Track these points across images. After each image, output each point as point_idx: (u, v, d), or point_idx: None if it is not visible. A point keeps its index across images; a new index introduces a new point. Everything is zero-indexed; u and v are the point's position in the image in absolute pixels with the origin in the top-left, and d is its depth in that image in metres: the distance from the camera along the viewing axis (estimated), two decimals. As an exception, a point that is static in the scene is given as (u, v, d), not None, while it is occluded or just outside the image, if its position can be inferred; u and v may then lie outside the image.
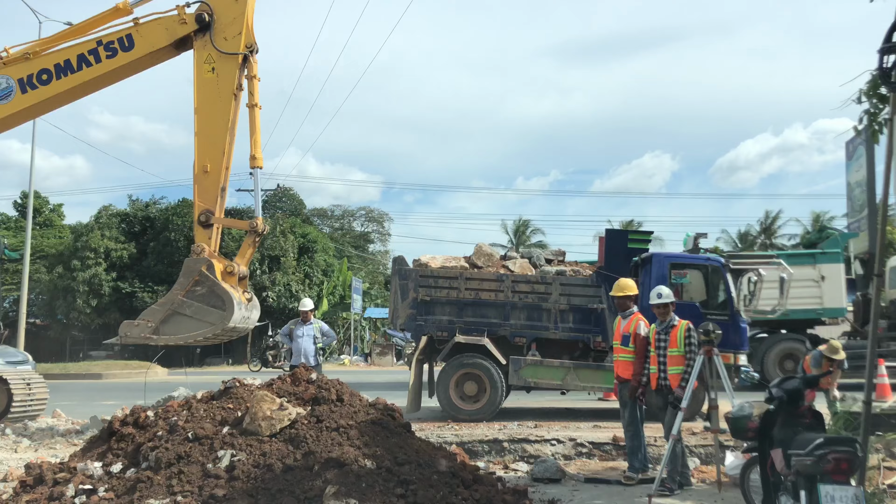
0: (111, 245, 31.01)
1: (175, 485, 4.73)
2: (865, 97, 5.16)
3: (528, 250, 12.81)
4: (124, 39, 9.18)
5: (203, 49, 9.12)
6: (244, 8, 9.11)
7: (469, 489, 5.08)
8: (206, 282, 8.77)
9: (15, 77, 9.27)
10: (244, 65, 9.17)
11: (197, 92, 9.18)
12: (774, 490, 4.62)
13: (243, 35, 9.07)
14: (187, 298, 8.77)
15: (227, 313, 8.65)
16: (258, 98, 9.34)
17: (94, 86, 9.69)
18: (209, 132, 9.16)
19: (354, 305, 32.61)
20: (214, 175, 9.16)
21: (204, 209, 9.14)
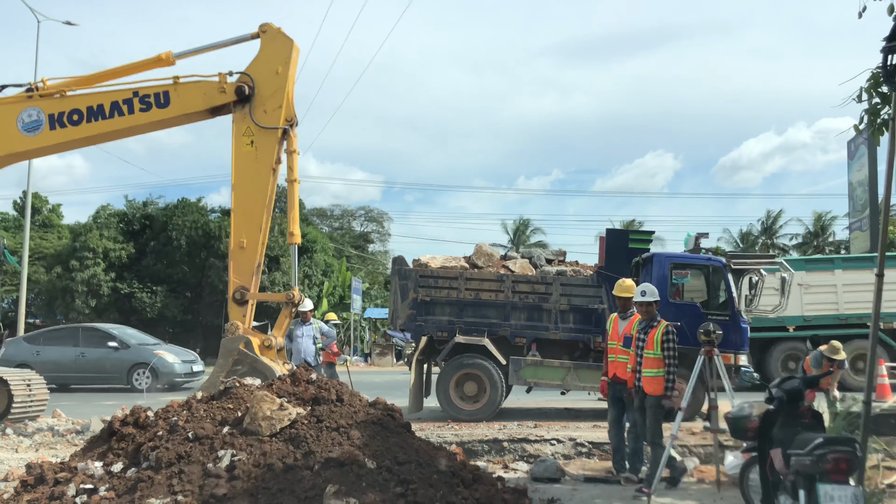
0: (109, 245, 31.01)
1: (175, 484, 4.73)
2: (866, 95, 5.16)
3: (528, 250, 12.82)
4: (161, 96, 9.08)
5: (242, 122, 9.00)
6: (285, 81, 8.96)
7: (469, 488, 5.08)
8: (246, 359, 8.66)
9: (46, 112, 9.18)
10: (283, 138, 9.05)
11: (235, 166, 9.07)
12: (774, 490, 4.63)
13: (283, 108, 8.95)
14: (228, 378, 8.69)
15: None
16: (297, 173, 9.24)
17: (122, 135, 9.66)
18: (247, 208, 9.05)
19: (354, 305, 32.61)
20: (251, 252, 9.05)
21: (239, 286, 9.02)
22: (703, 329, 6.72)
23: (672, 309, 10.44)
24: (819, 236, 43.59)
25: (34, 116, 9.20)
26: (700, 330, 6.76)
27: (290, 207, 9.33)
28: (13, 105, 9.29)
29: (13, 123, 9.19)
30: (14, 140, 9.25)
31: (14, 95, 9.48)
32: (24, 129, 9.20)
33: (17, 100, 9.36)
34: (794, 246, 45.47)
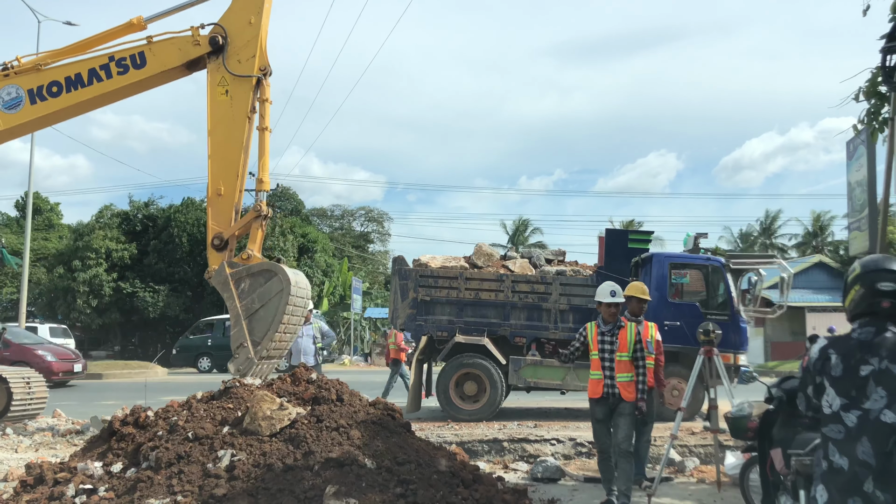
0: (112, 245, 31.01)
1: (175, 484, 4.73)
2: (864, 96, 5.17)
3: (528, 250, 12.82)
4: (136, 57, 9.14)
5: (216, 72, 9.07)
6: (258, 31, 9.05)
7: (469, 489, 5.08)
8: (241, 273, 8.68)
9: (25, 87, 9.22)
10: (257, 87, 9.12)
11: (211, 114, 9.12)
12: (774, 490, 4.63)
13: (257, 58, 9.02)
14: (244, 299, 8.64)
15: (280, 273, 8.54)
16: (269, 121, 9.29)
17: (104, 100, 9.66)
18: (223, 155, 9.09)
19: (354, 305, 32.62)
20: (228, 197, 9.07)
21: (218, 232, 9.03)
22: (703, 329, 6.71)
23: (671, 309, 10.47)
24: (818, 236, 43.58)
25: (13, 94, 9.24)
26: (699, 330, 6.75)
27: (260, 154, 9.35)
28: None
29: None
30: None
31: None
32: (5, 108, 9.25)
33: None
34: (793, 246, 45.48)
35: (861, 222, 8.20)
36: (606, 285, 6.19)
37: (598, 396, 5.99)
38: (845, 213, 9.26)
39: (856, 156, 8.41)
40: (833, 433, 2.54)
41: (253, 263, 8.74)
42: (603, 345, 6.04)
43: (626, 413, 5.90)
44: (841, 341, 2.64)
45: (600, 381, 5.98)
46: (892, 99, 5.15)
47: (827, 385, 2.60)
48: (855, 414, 2.50)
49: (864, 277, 2.64)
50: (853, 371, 2.53)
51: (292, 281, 8.55)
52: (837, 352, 2.60)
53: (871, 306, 2.60)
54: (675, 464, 7.51)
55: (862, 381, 2.51)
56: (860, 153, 8.14)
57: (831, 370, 2.59)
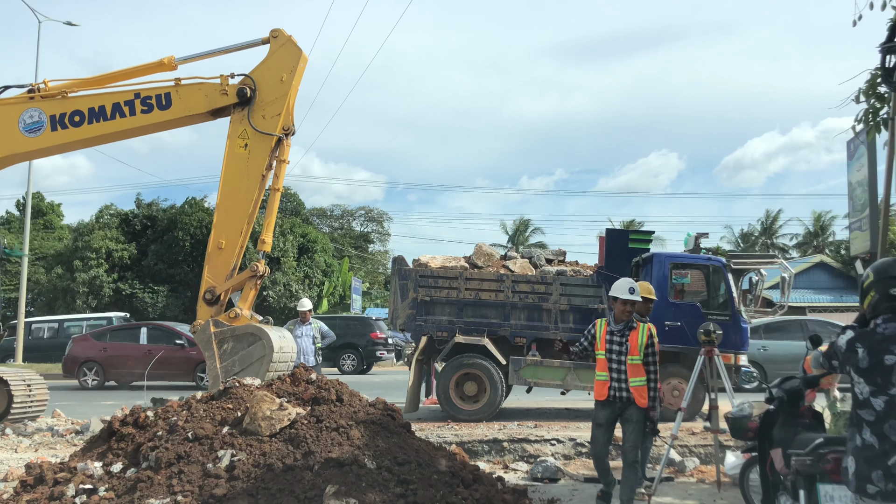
0: (112, 245, 31.01)
1: (175, 484, 4.73)
2: (864, 97, 5.17)
3: (528, 250, 12.82)
4: (162, 97, 9.07)
5: (239, 124, 8.99)
6: (288, 90, 8.94)
7: (469, 489, 5.08)
8: (226, 334, 8.62)
9: (48, 113, 9.17)
10: (277, 146, 9.05)
11: (226, 166, 9.07)
12: (774, 490, 4.62)
13: (282, 116, 8.94)
14: (224, 362, 8.59)
15: (265, 338, 8.49)
16: (282, 182, 9.28)
17: (123, 136, 9.62)
18: (230, 209, 9.03)
19: (354, 305, 32.61)
20: (228, 252, 9.02)
21: (211, 286, 8.99)
22: (704, 329, 6.70)
23: (672, 309, 10.46)
24: (819, 236, 43.58)
25: (35, 117, 9.19)
26: (700, 330, 6.74)
27: (267, 214, 9.33)
28: (15, 106, 9.29)
29: (14, 124, 9.18)
30: (15, 141, 9.25)
31: (16, 96, 9.48)
32: (26, 130, 9.20)
33: (18, 100, 9.36)
34: (794, 246, 45.48)
35: (862, 222, 8.20)
36: (625, 281, 5.86)
37: (604, 399, 5.70)
38: (846, 213, 9.27)
39: (856, 156, 8.41)
40: (866, 416, 2.92)
41: (238, 325, 8.65)
42: (611, 345, 5.71)
43: (635, 420, 5.63)
44: (867, 335, 2.97)
45: (606, 382, 5.69)
46: (892, 99, 5.15)
47: (854, 375, 2.96)
48: (882, 399, 2.86)
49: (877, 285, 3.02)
50: (879, 362, 2.88)
51: (276, 346, 8.51)
52: (864, 345, 2.95)
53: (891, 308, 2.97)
54: (675, 464, 7.50)
55: (887, 370, 2.86)
56: (861, 153, 8.15)
57: (858, 362, 2.95)
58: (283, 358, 8.84)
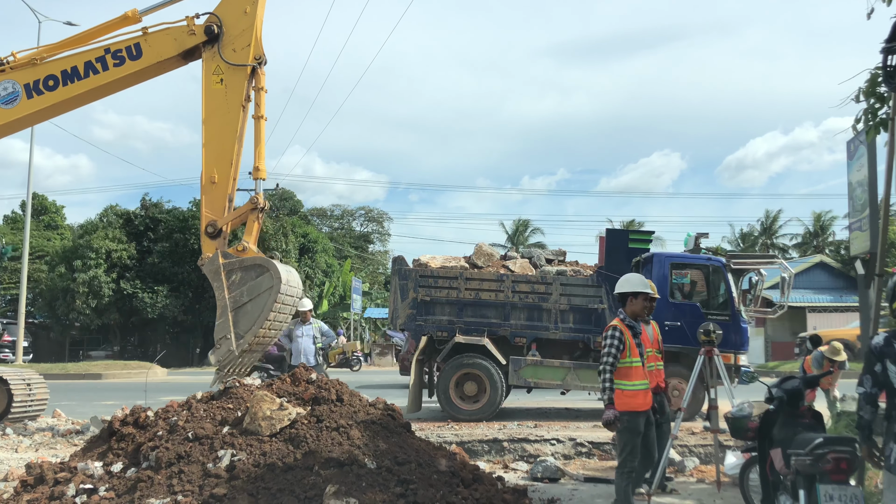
0: (112, 245, 30.99)
1: (175, 484, 4.73)
2: (864, 96, 5.16)
3: (528, 250, 12.81)
4: (132, 48, 9.16)
5: (211, 60, 9.10)
6: (253, 20, 9.07)
7: (469, 488, 5.08)
8: (234, 265, 8.69)
9: (21, 82, 9.22)
10: (252, 76, 9.16)
11: (205, 103, 9.16)
12: (774, 490, 4.63)
13: (252, 47, 9.06)
14: (233, 291, 8.64)
15: (272, 269, 8.54)
16: (264, 110, 9.32)
17: (101, 93, 9.66)
18: (217, 143, 9.11)
19: (354, 305, 32.61)
20: (222, 185, 9.10)
21: (211, 220, 9.07)
22: (703, 329, 6.70)
23: (672, 309, 10.46)
24: (819, 236, 43.58)
25: (9, 88, 9.24)
26: (700, 330, 6.74)
27: (256, 143, 9.37)
28: None
29: None
30: None
31: None
32: (1, 103, 9.25)
33: None
34: (794, 246, 45.47)
35: (862, 222, 8.18)
36: (637, 276, 5.65)
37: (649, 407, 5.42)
38: (846, 213, 9.26)
39: (856, 156, 8.40)
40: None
41: (246, 257, 8.74)
42: (640, 348, 5.39)
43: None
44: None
45: (647, 391, 5.37)
46: (893, 99, 5.15)
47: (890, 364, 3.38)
48: None
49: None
50: None
51: (283, 278, 8.54)
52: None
53: None
54: (675, 464, 7.50)
55: None
56: (861, 153, 8.13)
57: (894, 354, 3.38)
58: (291, 292, 8.86)
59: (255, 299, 8.57)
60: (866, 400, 3.57)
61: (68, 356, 33.82)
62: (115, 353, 33.36)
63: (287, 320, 9.28)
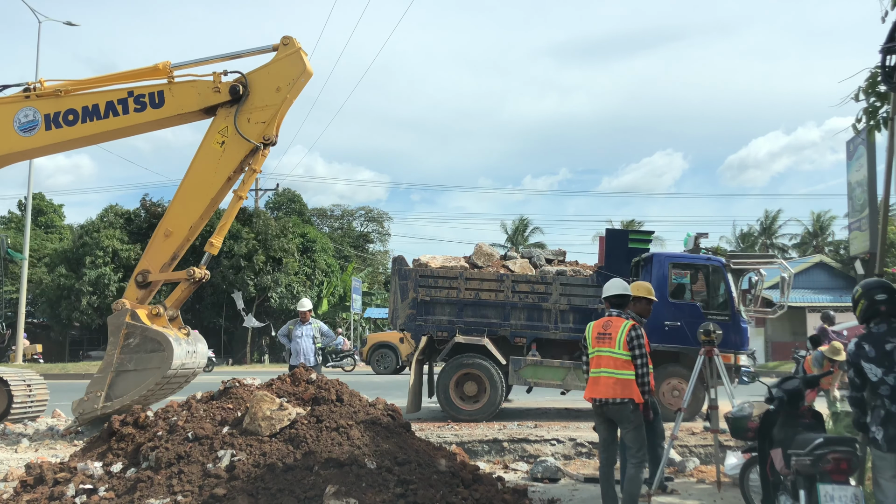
0: (118, 245, 30.98)
1: (175, 484, 4.73)
2: (864, 95, 5.16)
3: (528, 250, 12.81)
4: (155, 95, 9.00)
5: (223, 119, 8.88)
6: (281, 101, 8.78)
7: (469, 489, 5.08)
8: (136, 331, 8.57)
9: (42, 112, 9.14)
10: (253, 154, 8.92)
11: (197, 157, 9.00)
12: (774, 490, 4.62)
13: (267, 126, 8.80)
14: (124, 354, 8.55)
15: (167, 352, 8.42)
16: (247, 191, 9.15)
17: (118, 135, 9.56)
18: (188, 201, 8.97)
19: (354, 305, 32.60)
20: (173, 242, 8.98)
21: (145, 269, 8.96)
22: (703, 329, 6.70)
23: (672, 309, 10.46)
24: (818, 236, 43.58)
25: (30, 117, 9.16)
26: (700, 330, 6.74)
27: (224, 218, 9.28)
28: (10, 105, 9.25)
29: (10, 123, 9.16)
30: (10, 140, 9.23)
31: (11, 95, 9.44)
32: (21, 130, 9.17)
33: (14, 100, 9.32)
34: (794, 246, 45.48)
35: (861, 222, 8.19)
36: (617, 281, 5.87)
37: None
38: (846, 213, 9.28)
39: (856, 156, 8.41)
40: (883, 391, 3.80)
41: (150, 327, 8.60)
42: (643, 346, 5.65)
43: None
44: (866, 336, 3.98)
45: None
46: (892, 98, 5.15)
47: (864, 363, 3.89)
48: (893, 375, 3.79)
49: (866, 294, 4.03)
50: (882, 349, 3.86)
51: (175, 363, 8.46)
52: (867, 341, 3.93)
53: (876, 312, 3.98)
54: (675, 464, 7.50)
55: (888, 353, 3.83)
56: (860, 153, 8.14)
57: (866, 354, 3.90)
58: (182, 373, 8.83)
59: (140, 371, 8.49)
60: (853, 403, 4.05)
61: (68, 356, 33.80)
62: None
63: (170, 393, 9.18)
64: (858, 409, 4.02)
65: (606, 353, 5.47)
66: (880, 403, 3.81)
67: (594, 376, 5.48)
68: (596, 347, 5.52)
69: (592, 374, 5.50)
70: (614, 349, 5.46)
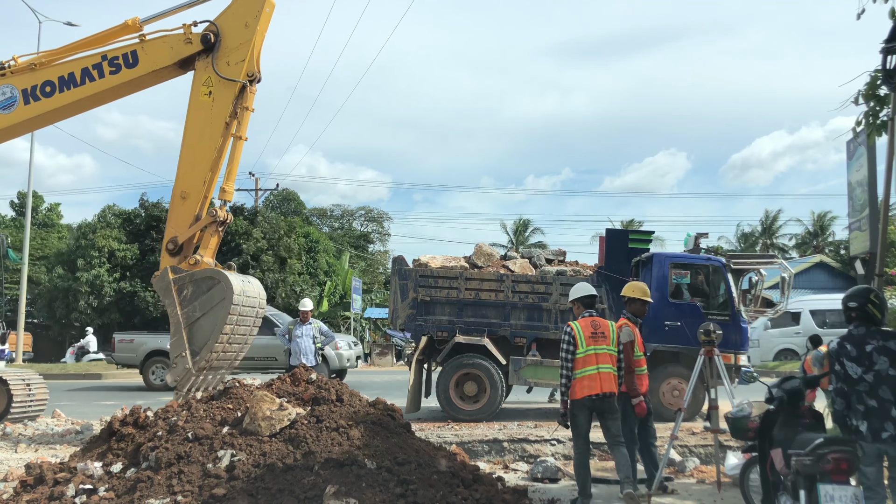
0: (115, 245, 30.97)
1: (175, 484, 4.73)
2: (864, 99, 5.16)
3: (528, 250, 12.81)
4: (129, 56, 8.99)
5: (203, 71, 8.87)
6: (252, 35, 8.80)
7: (469, 489, 5.08)
8: (184, 280, 8.51)
9: (19, 87, 9.14)
10: (241, 94, 8.91)
11: (189, 114, 8.96)
12: (774, 490, 4.62)
13: (246, 63, 8.81)
14: (185, 308, 8.45)
15: (224, 282, 8.33)
16: (245, 130, 9.10)
17: (98, 100, 9.54)
18: (194, 157, 8.92)
19: (354, 305, 32.59)
20: (192, 202, 8.92)
21: (173, 236, 8.91)
22: (704, 329, 6.70)
23: (672, 309, 10.46)
24: (819, 236, 43.57)
25: (7, 93, 9.17)
26: (700, 330, 6.74)
27: (230, 162, 9.17)
28: None
29: None
30: None
31: None
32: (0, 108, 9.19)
33: None
34: (794, 246, 45.46)
35: (862, 222, 8.19)
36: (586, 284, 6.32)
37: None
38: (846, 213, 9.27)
39: (856, 156, 8.41)
40: (863, 388, 4.10)
41: (197, 270, 8.54)
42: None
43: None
44: (848, 337, 4.27)
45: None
46: (892, 100, 5.15)
47: (846, 362, 4.18)
48: (871, 373, 4.09)
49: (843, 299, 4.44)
50: (862, 350, 4.16)
51: (237, 289, 8.35)
52: (849, 342, 4.23)
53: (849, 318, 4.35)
54: (675, 464, 7.50)
55: (868, 354, 4.13)
56: (860, 153, 8.14)
57: (848, 353, 4.19)
58: (249, 302, 8.68)
59: (208, 313, 8.37)
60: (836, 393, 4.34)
61: (68, 356, 33.77)
62: (115, 354, 33.32)
63: (251, 332, 9.05)
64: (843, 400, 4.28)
65: (605, 351, 5.79)
66: (858, 399, 4.13)
67: (593, 373, 5.71)
68: (591, 346, 5.77)
69: (589, 371, 5.71)
70: (611, 346, 5.84)
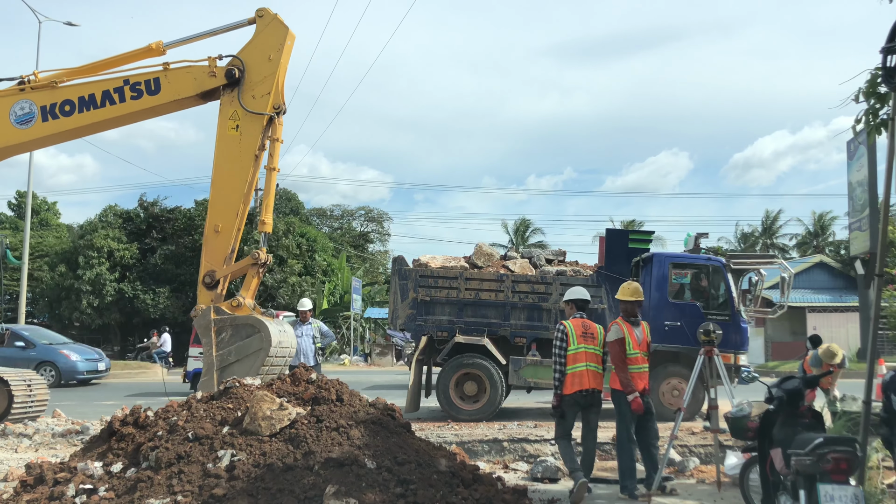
0: (114, 245, 30.96)
1: (175, 484, 4.73)
2: (864, 97, 5.16)
3: (528, 250, 12.81)
4: (151, 83, 9.00)
5: (229, 105, 8.91)
6: (276, 68, 8.85)
7: (469, 489, 5.08)
8: (225, 323, 8.56)
9: (38, 104, 9.12)
10: (269, 126, 8.98)
11: (218, 148, 9.00)
12: (774, 490, 4.63)
13: (272, 95, 8.87)
14: (221, 350, 8.49)
15: (264, 332, 8.41)
16: (278, 161, 9.19)
17: (115, 123, 9.56)
18: (225, 192, 8.97)
19: (354, 305, 32.59)
20: (225, 236, 8.94)
21: (210, 270, 8.93)
22: (703, 329, 6.70)
23: (672, 309, 10.46)
24: (819, 236, 43.57)
25: (26, 109, 9.15)
26: (700, 330, 6.75)
27: (265, 195, 9.25)
28: (5, 98, 9.23)
29: (6, 116, 9.15)
30: (7, 133, 9.22)
31: (6, 89, 9.43)
32: (17, 122, 9.16)
33: (9, 93, 9.30)
34: (794, 246, 45.46)
35: (862, 222, 8.20)
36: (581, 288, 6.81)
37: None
38: (846, 213, 9.28)
39: (856, 156, 8.43)
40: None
41: (239, 315, 8.58)
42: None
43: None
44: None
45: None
46: (893, 99, 5.15)
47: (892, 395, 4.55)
48: None
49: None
50: None
51: (275, 340, 8.42)
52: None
53: None
54: (675, 464, 7.50)
55: None
56: (861, 153, 8.16)
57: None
58: (281, 353, 8.75)
59: (243, 360, 8.40)
60: (883, 422, 4.61)
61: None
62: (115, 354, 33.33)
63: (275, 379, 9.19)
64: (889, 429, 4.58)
65: (592, 350, 6.43)
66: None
67: (582, 370, 6.36)
68: (581, 344, 6.37)
69: (579, 368, 6.35)
70: (598, 347, 6.48)
